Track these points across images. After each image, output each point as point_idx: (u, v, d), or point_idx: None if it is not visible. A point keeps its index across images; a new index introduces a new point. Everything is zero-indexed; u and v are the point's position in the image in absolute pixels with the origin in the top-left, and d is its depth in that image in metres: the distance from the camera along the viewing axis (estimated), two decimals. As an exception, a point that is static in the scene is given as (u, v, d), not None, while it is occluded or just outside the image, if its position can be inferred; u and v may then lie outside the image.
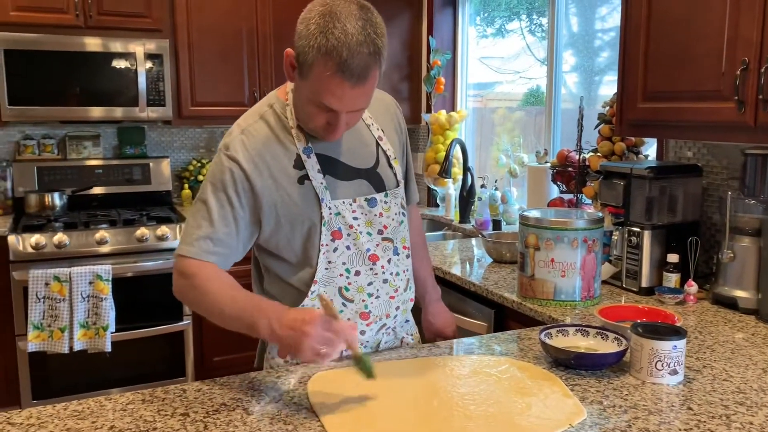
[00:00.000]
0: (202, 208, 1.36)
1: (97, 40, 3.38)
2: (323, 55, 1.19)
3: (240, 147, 1.35)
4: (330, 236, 1.40)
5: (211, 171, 1.38)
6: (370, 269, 1.45)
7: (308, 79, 1.24)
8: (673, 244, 1.99)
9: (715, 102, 1.68)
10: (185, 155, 4.07)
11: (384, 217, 1.46)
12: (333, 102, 1.25)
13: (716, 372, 1.40)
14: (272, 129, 1.38)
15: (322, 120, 1.31)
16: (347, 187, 1.42)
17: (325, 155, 1.40)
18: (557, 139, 3.11)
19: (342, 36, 1.18)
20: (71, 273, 3.03)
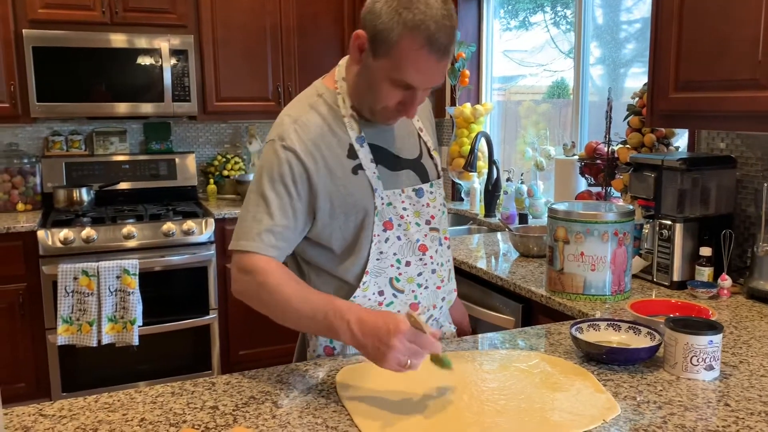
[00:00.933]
0: (260, 202, 1.33)
1: (122, 37, 3.40)
2: (410, 29, 1.18)
3: (295, 137, 1.32)
4: (382, 226, 1.39)
5: (266, 162, 1.34)
6: (420, 260, 1.45)
7: (389, 57, 1.22)
8: (706, 237, 1.95)
9: (751, 91, 1.63)
10: (210, 150, 4.09)
11: (431, 207, 1.46)
12: (416, 78, 1.24)
13: (753, 368, 1.36)
14: (324, 118, 1.36)
15: (395, 99, 1.29)
16: (397, 177, 1.41)
17: (376, 145, 1.39)
18: (584, 131, 3.06)
19: (426, 10, 1.18)
20: (99, 267, 3.06)
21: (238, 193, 3.87)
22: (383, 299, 1.43)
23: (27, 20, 3.27)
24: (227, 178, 3.95)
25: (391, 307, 1.44)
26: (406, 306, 1.45)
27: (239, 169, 4.00)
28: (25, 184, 3.53)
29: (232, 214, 3.47)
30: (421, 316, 1.46)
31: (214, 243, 3.39)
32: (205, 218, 3.38)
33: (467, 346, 1.49)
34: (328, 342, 1.48)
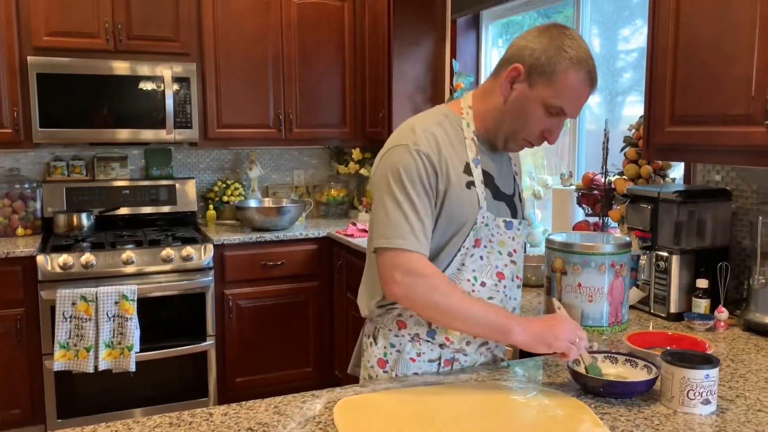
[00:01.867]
0: (403, 201, 1.40)
1: (126, 64, 3.45)
2: (577, 63, 1.37)
3: (426, 143, 1.43)
4: (473, 242, 1.47)
5: (402, 165, 1.41)
6: (495, 285, 1.52)
7: (551, 86, 1.38)
8: (702, 269, 1.96)
9: (745, 126, 1.66)
10: (210, 176, 4.12)
11: (515, 242, 1.54)
12: (572, 106, 1.41)
13: (750, 402, 1.36)
14: (448, 135, 1.47)
15: (542, 125, 1.44)
16: (495, 205, 1.51)
17: (486, 171, 1.50)
18: (582, 161, 3.09)
19: (583, 51, 1.39)
20: (97, 293, 3.07)
21: (237, 219, 3.89)
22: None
23: (32, 47, 3.31)
24: (227, 204, 3.97)
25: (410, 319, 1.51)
26: None
27: (239, 194, 4.02)
28: (26, 209, 3.55)
29: (232, 240, 3.48)
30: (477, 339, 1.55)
31: (212, 269, 3.39)
32: (204, 244, 3.40)
33: (465, 378, 1.50)
34: (381, 355, 1.54)
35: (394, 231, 1.40)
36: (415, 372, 1.52)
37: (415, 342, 1.52)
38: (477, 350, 1.56)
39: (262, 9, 3.75)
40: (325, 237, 3.69)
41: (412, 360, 1.51)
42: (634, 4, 2.85)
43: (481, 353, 1.58)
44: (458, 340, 1.52)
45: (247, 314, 3.55)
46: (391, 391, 1.40)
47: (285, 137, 3.89)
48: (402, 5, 3.62)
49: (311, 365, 3.74)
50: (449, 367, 1.54)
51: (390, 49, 3.63)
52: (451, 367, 1.54)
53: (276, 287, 3.60)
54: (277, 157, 4.28)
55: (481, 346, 1.56)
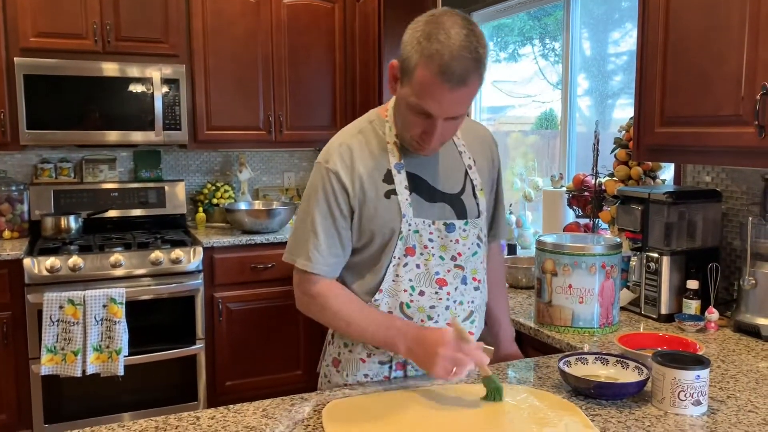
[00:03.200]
0: (309, 222, 1.42)
1: (114, 65, 3.42)
2: (426, 57, 1.24)
3: (338, 160, 1.41)
4: (403, 251, 1.43)
5: (313, 184, 1.44)
6: (435, 293, 1.46)
7: (410, 84, 1.29)
8: (693, 270, 1.96)
9: (734, 127, 1.66)
10: (200, 178, 4.09)
11: (459, 244, 1.47)
12: (432, 106, 1.28)
13: (741, 403, 1.36)
14: (368, 143, 1.44)
15: (418, 128, 1.34)
16: (430, 208, 1.45)
17: (415, 174, 1.44)
18: (572, 162, 3.09)
19: (445, 40, 1.23)
20: (85, 296, 3.03)
21: (227, 222, 3.86)
22: None
23: (19, 48, 3.28)
24: (216, 207, 3.95)
25: None
26: None
27: (229, 197, 4.00)
28: (13, 212, 3.51)
29: (221, 242, 3.45)
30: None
31: (202, 272, 3.37)
32: (194, 247, 3.37)
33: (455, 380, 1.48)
34: (336, 354, 1.54)
35: (298, 248, 1.44)
36: (365, 373, 1.49)
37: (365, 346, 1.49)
38: None
39: (251, 10, 3.73)
40: (316, 239, 3.66)
41: (362, 360, 1.49)
42: (624, 8, 2.86)
43: None
44: None
45: (237, 317, 3.53)
46: (381, 393, 1.38)
47: (275, 139, 3.87)
48: (392, 7, 3.61)
49: (302, 368, 3.72)
50: (402, 370, 1.50)
51: (380, 51, 3.61)
52: (404, 371, 1.50)
53: (266, 290, 3.58)
54: (267, 159, 4.26)
55: None
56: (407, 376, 1.50)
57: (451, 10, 1.30)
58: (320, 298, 1.43)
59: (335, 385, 1.51)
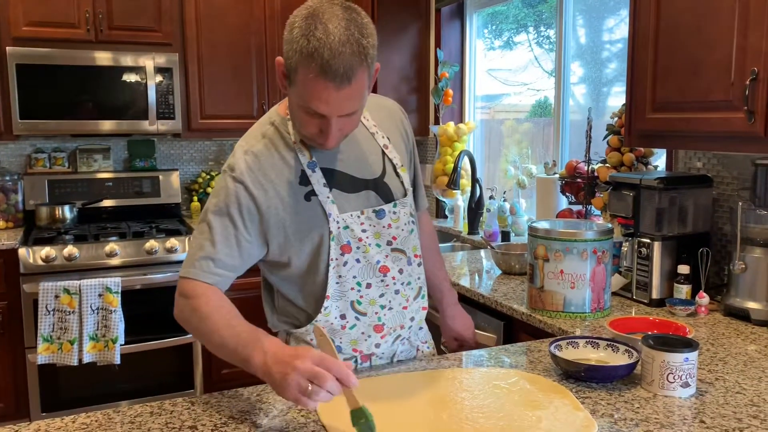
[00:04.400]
0: (205, 230, 1.34)
1: (107, 54, 3.41)
2: (305, 57, 1.16)
3: (245, 168, 1.33)
4: (339, 250, 1.38)
5: (216, 192, 1.36)
6: (381, 281, 1.44)
7: (295, 85, 1.22)
8: (684, 255, 1.98)
9: (725, 112, 1.67)
10: (194, 168, 4.09)
11: (393, 228, 1.44)
12: (320, 106, 1.21)
13: (729, 385, 1.38)
14: (275, 147, 1.36)
15: (314, 127, 1.27)
16: (354, 199, 1.40)
17: (330, 168, 1.39)
18: (566, 150, 3.10)
19: (323, 37, 1.15)
20: (81, 285, 3.04)
21: (222, 211, 3.86)
22: (346, 322, 1.43)
23: (11, 38, 3.27)
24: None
25: (355, 330, 1.44)
26: (370, 328, 1.45)
27: (224, 186, 3.99)
28: (7, 202, 3.51)
29: (216, 231, 3.45)
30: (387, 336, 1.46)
31: (197, 261, 3.37)
32: (189, 236, 3.37)
33: (448, 364, 1.50)
34: None
35: (187, 259, 1.35)
36: None
37: None
38: (393, 344, 1.51)
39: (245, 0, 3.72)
40: (311, 228, 3.68)
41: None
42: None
43: (399, 344, 1.53)
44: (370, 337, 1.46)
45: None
46: (370, 378, 1.40)
47: (269, 128, 3.86)
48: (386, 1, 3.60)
49: (298, 356, 3.74)
50: (367, 362, 1.49)
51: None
52: (369, 362, 1.49)
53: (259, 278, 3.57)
54: (261, 149, 4.26)
55: (396, 340, 1.51)
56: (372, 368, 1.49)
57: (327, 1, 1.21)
58: (194, 300, 1.30)
59: None
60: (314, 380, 1.07)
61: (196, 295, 1.31)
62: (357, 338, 1.45)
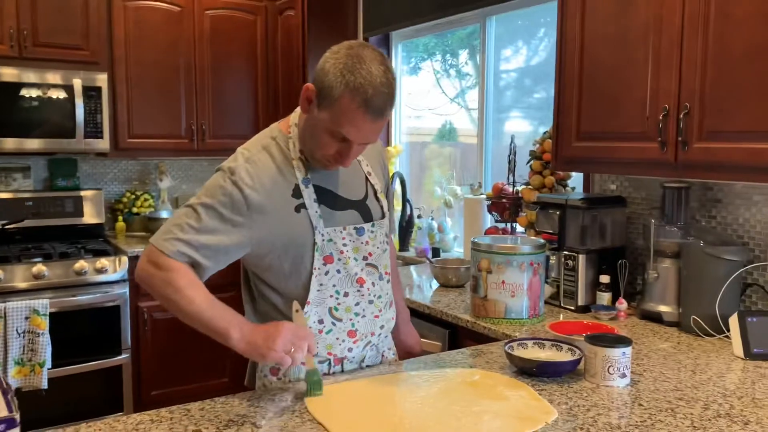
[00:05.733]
0: (192, 215, 1.43)
1: (33, 72, 3.34)
2: (351, 90, 1.34)
3: (245, 174, 1.44)
4: (322, 260, 1.52)
5: (211, 188, 1.45)
6: (358, 291, 1.58)
7: (331, 111, 1.38)
8: (604, 266, 2.24)
9: (641, 142, 1.94)
10: (118, 187, 4.03)
11: (369, 245, 1.59)
12: (352, 133, 1.39)
13: (656, 375, 1.62)
14: (274, 160, 1.50)
15: (333, 149, 1.44)
16: (339, 216, 1.55)
17: (321, 186, 1.53)
18: (488, 172, 3.35)
19: (368, 76, 1.35)
20: (6, 308, 2.94)
21: (149, 230, 3.83)
22: (323, 327, 1.56)
23: (-73, 51, 3.14)
24: (137, 216, 3.91)
25: (331, 334, 1.57)
26: (344, 333, 1.58)
27: (149, 206, 3.97)
28: None
29: (146, 251, 3.44)
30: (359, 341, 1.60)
31: (127, 281, 3.34)
32: (118, 256, 3.34)
33: (413, 367, 1.65)
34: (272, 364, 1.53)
35: (165, 233, 1.43)
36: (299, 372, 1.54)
37: None
38: (363, 349, 1.63)
39: (175, 19, 3.75)
40: (242, 247, 3.72)
41: (302, 363, 1.43)
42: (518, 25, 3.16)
43: (368, 350, 1.65)
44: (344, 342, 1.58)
45: (162, 326, 3.52)
46: (352, 381, 1.53)
47: (197, 147, 3.90)
48: (315, 22, 3.76)
49: (228, 375, 3.76)
50: (339, 365, 1.60)
51: (305, 64, 3.74)
52: (341, 365, 1.60)
53: (192, 298, 3.58)
54: (186, 168, 4.26)
55: (366, 346, 1.63)
56: (343, 371, 1.61)
57: (366, 44, 1.43)
58: (169, 273, 1.40)
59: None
60: (296, 342, 1.37)
61: (171, 268, 1.40)
62: (332, 342, 1.58)
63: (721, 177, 1.80)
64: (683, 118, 1.81)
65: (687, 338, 1.94)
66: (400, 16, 3.59)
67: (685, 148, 1.82)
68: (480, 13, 3.21)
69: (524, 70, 3.16)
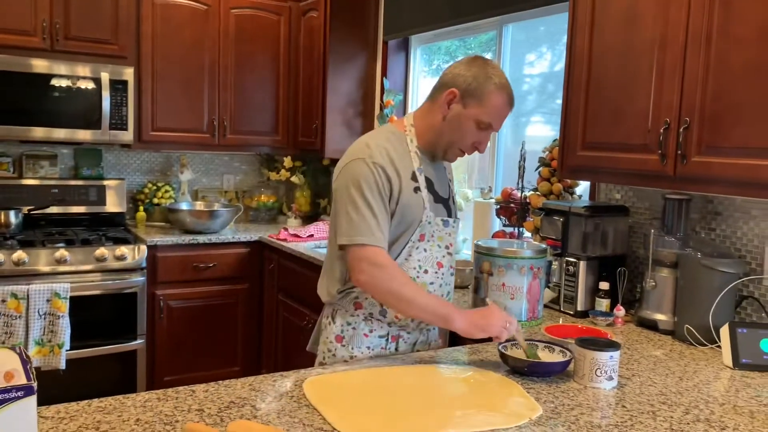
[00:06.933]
0: (363, 205, 1.65)
1: (63, 64, 3.46)
2: (500, 88, 1.70)
3: (380, 156, 1.69)
4: (418, 237, 1.76)
5: (359, 176, 1.67)
6: (435, 272, 1.80)
7: (481, 106, 1.70)
8: (604, 273, 2.29)
9: (642, 154, 1.99)
10: (140, 178, 4.16)
11: (451, 237, 1.84)
12: (497, 122, 1.74)
13: (643, 379, 1.67)
14: (396, 149, 1.75)
15: (474, 138, 1.75)
16: (435, 206, 1.80)
17: (428, 178, 1.78)
18: (499, 177, 3.41)
19: (504, 78, 1.73)
20: (29, 290, 3.07)
21: (167, 221, 3.95)
22: None
23: (-36, 42, 3.28)
24: (157, 206, 4.03)
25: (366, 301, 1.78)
26: None
27: (169, 197, 4.09)
28: (-53, 204, 3.47)
29: (164, 241, 3.56)
30: None
31: (145, 269, 3.46)
32: (137, 244, 3.46)
33: (409, 361, 1.73)
34: (339, 332, 1.80)
35: (357, 230, 1.66)
36: (367, 345, 1.79)
37: (368, 320, 1.79)
38: (417, 328, 1.85)
39: (201, 17, 3.86)
40: (257, 241, 3.83)
41: (365, 335, 1.79)
42: (540, 31, 3.21)
43: (420, 331, 1.88)
44: (404, 319, 1.80)
45: (177, 314, 3.63)
46: (349, 371, 1.61)
47: (218, 142, 4.01)
48: (337, 24, 3.85)
49: (239, 365, 3.86)
50: (395, 342, 1.82)
51: (325, 64, 3.84)
52: (397, 343, 1.82)
53: (207, 288, 3.71)
54: (207, 162, 4.38)
55: (420, 327, 1.85)
56: (397, 350, 1.82)
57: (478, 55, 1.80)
58: (391, 268, 1.66)
59: (341, 357, 1.78)
60: (508, 320, 1.68)
61: (388, 264, 1.66)
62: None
63: (717, 191, 1.85)
64: (683, 132, 1.87)
65: (680, 346, 1.99)
66: (418, 21, 3.67)
67: (684, 162, 1.88)
68: (497, 20, 3.27)
69: (547, 75, 3.21)
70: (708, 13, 1.80)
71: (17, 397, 0.95)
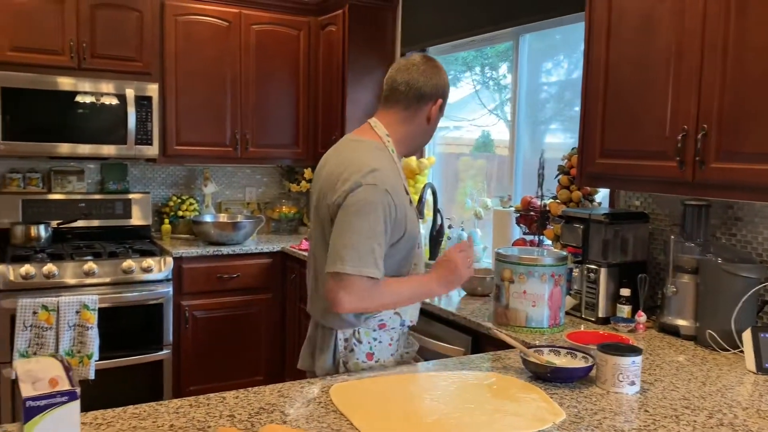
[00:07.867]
0: (372, 235, 1.64)
1: (89, 82, 3.56)
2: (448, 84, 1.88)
3: (389, 184, 1.68)
4: (417, 243, 1.83)
5: (370, 202, 1.65)
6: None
7: (443, 105, 1.85)
8: (625, 280, 2.31)
9: (660, 161, 2.01)
10: (164, 191, 4.24)
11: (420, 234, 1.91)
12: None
13: (665, 384, 1.69)
14: (392, 168, 1.76)
15: None
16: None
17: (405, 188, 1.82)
18: (518, 185, 3.43)
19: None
20: (59, 302, 3.15)
21: (192, 233, 4.02)
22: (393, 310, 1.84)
23: (-5, 62, 3.39)
24: (182, 219, 4.11)
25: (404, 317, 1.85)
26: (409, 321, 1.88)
27: (194, 209, 4.16)
28: (-21, 220, 3.57)
29: (189, 252, 3.63)
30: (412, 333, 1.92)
31: (171, 281, 3.53)
32: (163, 256, 3.53)
33: (434, 368, 1.76)
34: (368, 350, 1.81)
35: (364, 261, 1.62)
36: (391, 354, 1.84)
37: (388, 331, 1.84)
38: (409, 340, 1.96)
39: (222, 33, 3.94)
40: (279, 251, 3.89)
41: (389, 345, 1.84)
42: (557, 39, 3.24)
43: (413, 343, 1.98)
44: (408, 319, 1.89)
45: (202, 324, 3.70)
46: (375, 378, 1.64)
47: (240, 155, 4.08)
48: (355, 37, 3.91)
49: (262, 374, 3.91)
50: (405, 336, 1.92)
51: (344, 77, 3.90)
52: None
53: (231, 299, 3.77)
54: (230, 175, 4.45)
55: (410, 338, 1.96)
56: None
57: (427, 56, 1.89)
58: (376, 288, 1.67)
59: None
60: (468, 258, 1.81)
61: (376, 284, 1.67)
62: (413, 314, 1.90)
63: (736, 196, 1.87)
64: (701, 138, 1.88)
65: (702, 352, 1.99)
66: (436, 33, 3.72)
67: (702, 168, 1.89)
68: (513, 31, 3.31)
69: (564, 83, 3.24)
70: (724, 22, 1.83)
71: (62, 402, 1.00)
